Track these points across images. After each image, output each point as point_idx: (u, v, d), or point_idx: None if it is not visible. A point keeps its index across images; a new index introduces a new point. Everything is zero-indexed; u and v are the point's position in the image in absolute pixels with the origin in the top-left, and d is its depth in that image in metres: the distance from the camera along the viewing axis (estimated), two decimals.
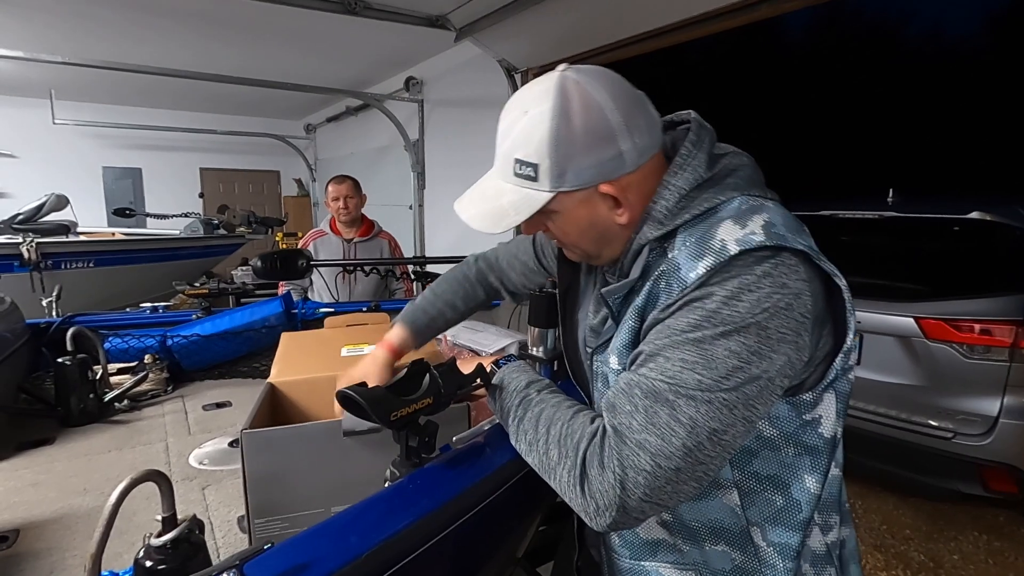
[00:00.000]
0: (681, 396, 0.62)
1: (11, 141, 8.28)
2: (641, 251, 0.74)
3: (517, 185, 0.74)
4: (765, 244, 0.63)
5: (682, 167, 0.73)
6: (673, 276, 0.68)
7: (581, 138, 0.69)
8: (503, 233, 0.77)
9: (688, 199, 0.71)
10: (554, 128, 0.69)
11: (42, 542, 0.95)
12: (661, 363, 0.64)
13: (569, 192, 0.72)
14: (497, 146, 0.76)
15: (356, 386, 0.75)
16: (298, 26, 4.77)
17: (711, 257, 0.64)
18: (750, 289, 0.62)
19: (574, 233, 0.78)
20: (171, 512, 0.67)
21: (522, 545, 1.09)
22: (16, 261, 4.63)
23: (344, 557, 0.59)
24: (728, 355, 0.61)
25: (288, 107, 9.05)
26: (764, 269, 0.63)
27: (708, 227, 0.68)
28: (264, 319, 1.89)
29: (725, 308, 0.62)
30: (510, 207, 0.74)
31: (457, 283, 1.21)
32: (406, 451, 0.81)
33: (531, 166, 0.71)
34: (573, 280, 0.96)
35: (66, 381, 1.41)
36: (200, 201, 9.21)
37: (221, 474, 1.20)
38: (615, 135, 0.70)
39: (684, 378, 0.62)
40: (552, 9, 3.70)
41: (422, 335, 1.15)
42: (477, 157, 5.47)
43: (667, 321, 0.66)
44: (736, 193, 0.71)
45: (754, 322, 0.61)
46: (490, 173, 0.79)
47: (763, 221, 0.66)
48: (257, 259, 2.14)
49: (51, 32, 5.15)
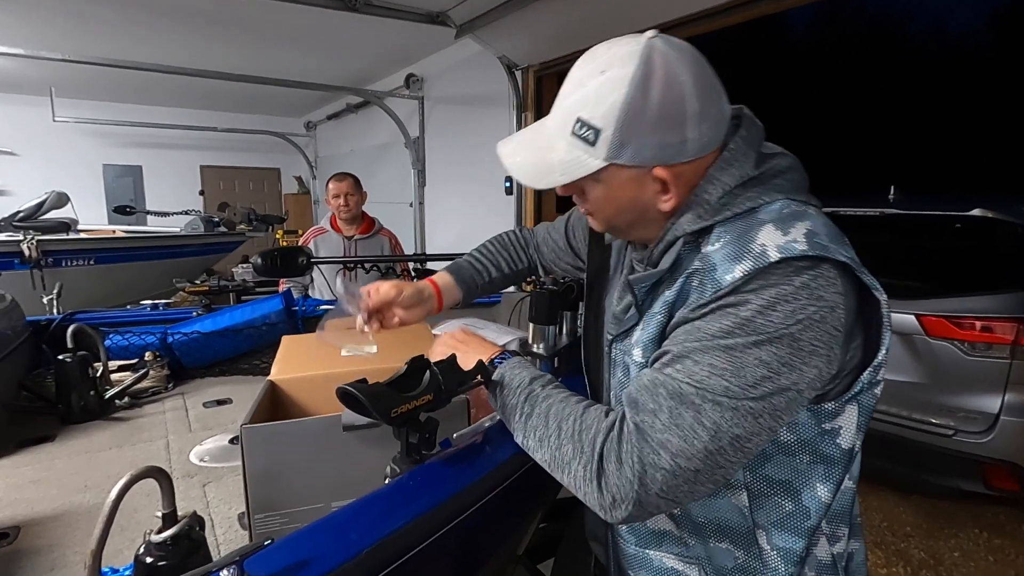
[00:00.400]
0: (707, 401, 0.61)
1: (11, 139, 8.29)
2: (675, 243, 0.72)
3: (570, 144, 0.70)
4: (807, 254, 0.62)
5: (729, 163, 0.70)
6: (707, 276, 0.66)
7: (653, 115, 0.66)
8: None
9: (731, 196, 0.69)
10: (629, 98, 0.65)
11: (43, 539, 0.95)
12: (689, 366, 0.63)
13: (622, 167, 0.69)
14: (561, 96, 0.71)
15: (356, 383, 0.75)
16: (299, 23, 4.77)
17: (750, 261, 0.63)
18: (786, 300, 0.61)
19: (611, 208, 0.75)
20: (171, 509, 0.67)
21: (523, 542, 1.09)
22: (17, 259, 4.63)
23: (344, 554, 0.59)
24: (758, 364, 0.61)
25: (288, 104, 9.05)
26: (803, 280, 0.61)
27: (748, 228, 0.66)
28: (264, 316, 1.89)
29: (759, 317, 0.61)
30: (558, 165, 0.71)
31: (503, 245, 1.19)
32: (406, 448, 0.80)
33: (593, 130, 0.67)
34: (603, 265, 0.94)
35: (67, 378, 1.41)
36: (200, 199, 9.21)
37: (222, 471, 1.20)
38: (686, 121, 0.67)
39: (712, 383, 0.61)
40: (552, 6, 3.69)
41: (465, 285, 1.13)
42: (477, 155, 5.47)
43: (698, 323, 0.65)
44: (780, 195, 0.69)
45: (787, 333, 0.61)
46: (545, 121, 0.75)
47: (806, 229, 0.64)
48: (257, 256, 2.14)
49: (51, 29, 5.15)
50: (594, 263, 0.95)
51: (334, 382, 0.76)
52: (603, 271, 0.94)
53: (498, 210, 5.30)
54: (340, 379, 0.76)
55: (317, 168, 10.07)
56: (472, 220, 5.72)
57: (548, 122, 0.74)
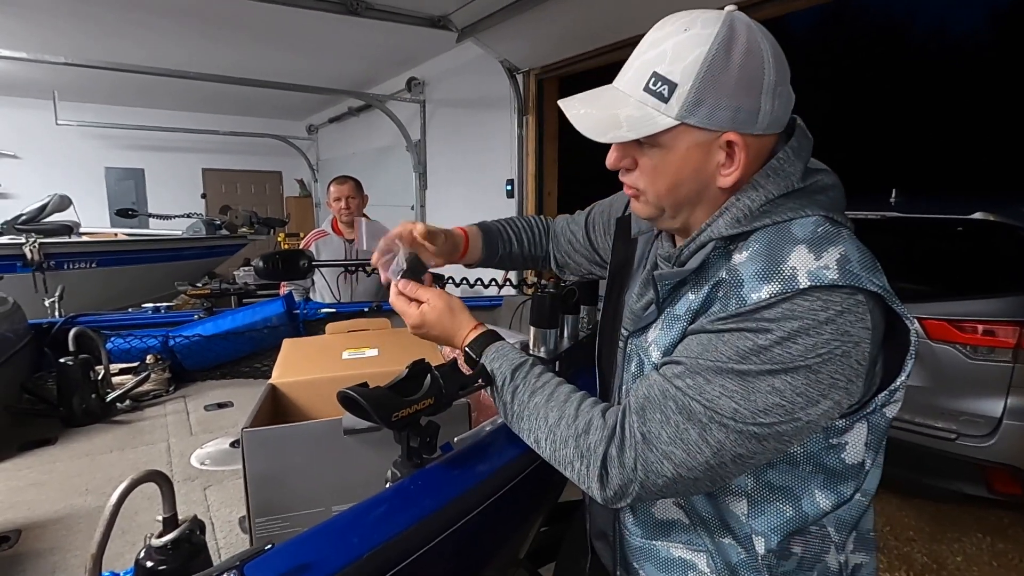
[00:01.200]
0: (714, 421, 0.62)
1: (14, 142, 8.31)
2: (706, 245, 0.70)
3: (641, 100, 0.67)
4: (837, 283, 0.60)
5: (776, 171, 0.69)
6: (733, 290, 0.64)
7: (733, 76, 0.64)
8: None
9: (773, 205, 0.68)
10: (711, 54, 0.64)
11: (44, 542, 0.95)
12: (700, 383, 0.63)
13: (691, 128, 0.66)
14: (634, 56, 0.70)
15: (357, 387, 0.75)
16: (300, 27, 4.78)
17: (778, 284, 0.61)
18: (808, 334, 0.59)
19: (669, 180, 0.71)
20: (172, 513, 0.67)
21: (524, 546, 1.09)
22: (19, 262, 4.64)
23: (345, 558, 0.59)
24: (771, 392, 0.61)
25: (290, 108, 9.07)
26: (829, 315, 0.60)
27: (779, 243, 0.64)
28: (266, 319, 1.89)
29: (777, 347, 0.60)
30: (625, 121, 0.67)
31: (528, 225, 1.18)
32: (407, 451, 0.80)
33: (669, 84, 0.65)
34: (627, 259, 0.93)
35: (68, 381, 1.41)
36: (202, 202, 9.23)
37: (223, 474, 1.20)
38: (762, 90, 0.65)
39: (721, 404, 0.62)
40: (554, 10, 3.70)
41: (490, 246, 1.12)
42: (479, 158, 5.48)
43: (714, 338, 0.64)
44: (821, 212, 0.67)
45: (804, 365, 0.60)
46: (612, 84, 0.73)
47: (839, 254, 0.62)
48: (259, 259, 2.14)
49: (54, 33, 5.16)
50: (618, 256, 0.94)
51: (335, 385, 0.76)
52: (626, 265, 0.93)
53: (499, 213, 5.24)
54: (341, 382, 0.76)
55: (319, 171, 10.09)
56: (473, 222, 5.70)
57: (618, 81, 0.72)
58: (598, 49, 4.18)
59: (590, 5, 3.62)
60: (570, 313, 1.32)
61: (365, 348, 1.28)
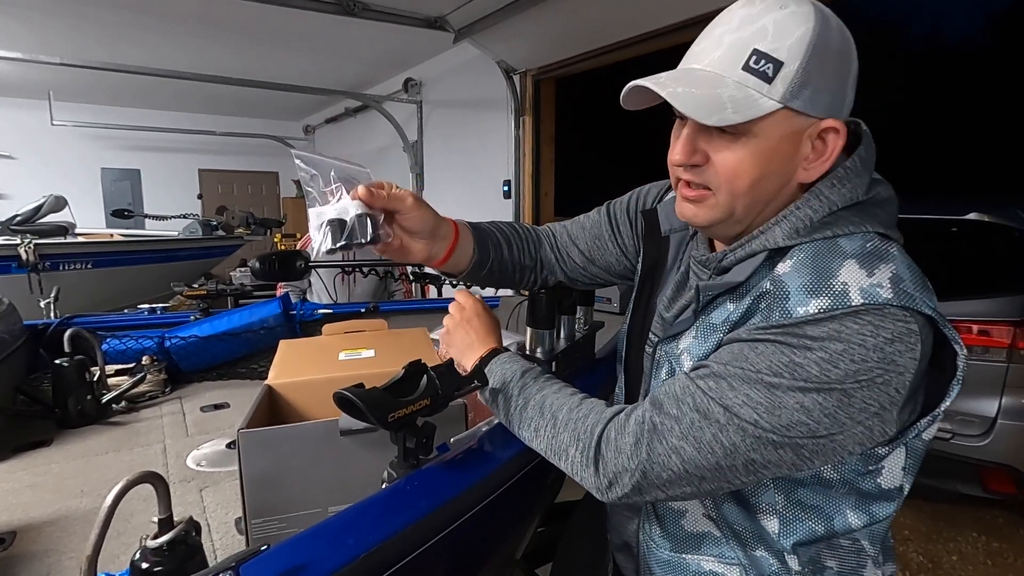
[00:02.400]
0: (732, 425, 0.59)
1: (9, 142, 8.28)
2: (757, 254, 0.66)
3: (740, 81, 0.61)
4: (891, 303, 0.56)
5: (842, 181, 0.64)
6: (777, 302, 0.60)
7: (833, 58, 0.60)
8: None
9: (835, 217, 0.63)
10: (816, 32, 0.59)
11: (39, 544, 0.95)
12: (724, 388, 0.60)
13: (791, 114, 0.61)
14: (724, 33, 0.63)
15: (354, 387, 0.75)
16: (296, 27, 4.78)
17: (827, 299, 0.57)
18: (852, 359, 0.55)
19: (752, 174, 0.64)
20: (167, 514, 0.67)
21: (521, 546, 1.09)
22: (14, 262, 4.62)
23: (341, 559, 0.59)
24: (798, 408, 0.57)
25: (287, 108, 9.05)
26: (878, 343, 0.55)
27: (827, 256, 0.60)
28: (262, 320, 1.89)
29: (815, 367, 0.56)
30: (728, 102, 0.60)
31: (510, 225, 1.01)
32: (403, 452, 0.80)
33: (774, 63, 0.59)
34: (659, 261, 0.87)
35: (64, 382, 1.40)
36: (199, 202, 9.20)
37: (219, 475, 1.20)
38: (849, 76, 0.62)
39: (742, 412, 0.59)
40: (550, 11, 3.71)
41: (482, 249, 0.93)
42: (476, 158, 5.48)
43: (748, 348, 0.60)
44: (880, 228, 0.63)
45: (840, 388, 0.56)
46: (694, 59, 0.66)
47: (891, 273, 0.58)
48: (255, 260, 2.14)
49: (50, 33, 5.15)
50: (650, 257, 0.88)
51: (332, 386, 0.76)
52: (658, 267, 0.87)
53: (496, 213, 5.28)
54: (338, 383, 0.76)
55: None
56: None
57: (699, 62, 0.65)
58: (594, 50, 4.19)
59: (586, 6, 3.62)
60: (566, 314, 1.32)
61: (361, 349, 1.28)
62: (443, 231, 0.87)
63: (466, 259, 0.92)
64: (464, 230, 0.92)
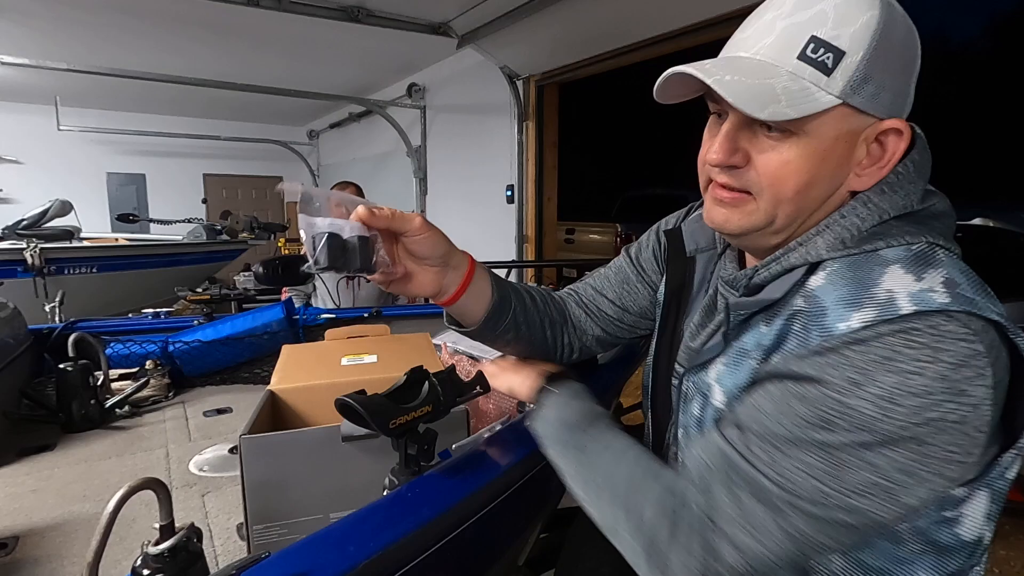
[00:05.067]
0: (795, 508, 0.49)
1: (16, 147, 8.34)
2: (794, 269, 0.59)
3: (795, 71, 0.54)
4: (948, 308, 0.47)
5: (894, 188, 0.58)
6: (813, 321, 0.53)
7: (898, 51, 0.54)
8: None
9: (885, 227, 0.56)
10: (882, 20, 0.53)
11: (41, 549, 0.95)
12: (775, 456, 0.51)
13: (849, 111, 0.54)
14: (777, 18, 0.56)
15: (355, 394, 0.75)
16: (301, 33, 4.81)
17: (871, 310, 0.49)
18: (912, 391, 0.46)
19: (800, 178, 0.57)
20: (169, 520, 0.67)
21: (523, 553, 1.09)
22: (20, 266, 4.65)
23: (342, 566, 0.59)
24: (865, 467, 0.48)
25: (291, 113, 9.10)
26: (940, 369, 0.46)
27: (866, 264, 0.53)
28: (266, 325, 1.89)
29: (871, 408, 0.47)
30: (782, 93, 0.53)
31: (524, 284, 0.92)
32: (405, 459, 0.80)
33: (834, 52, 0.52)
34: (686, 282, 0.80)
35: (68, 387, 1.41)
36: (203, 207, 9.25)
37: (221, 481, 1.19)
38: (913, 74, 0.56)
39: (801, 484, 0.49)
40: (553, 16, 3.72)
41: (497, 279, 0.84)
42: (479, 164, 5.50)
43: (787, 393, 0.52)
44: (938, 238, 0.55)
45: (911, 436, 0.47)
46: (732, 54, 0.59)
47: (943, 277, 0.50)
48: (259, 265, 2.15)
49: (56, 39, 5.19)
50: (675, 279, 0.81)
51: (334, 392, 0.76)
52: (684, 289, 0.80)
53: (499, 219, 5.31)
54: (340, 389, 0.76)
55: (319, 177, 10.11)
56: (474, 228, 5.73)
57: (746, 48, 0.58)
58: (597, 55, 4.20)
59: (589, 12, 3.64)
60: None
61: (364, 354, 1.28)
62: (456, 260, 0.77)
63: (483, 302, 0.81)
64: (479, 266, 0.81)
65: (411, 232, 0.71)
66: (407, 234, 0.71)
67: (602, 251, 6.97)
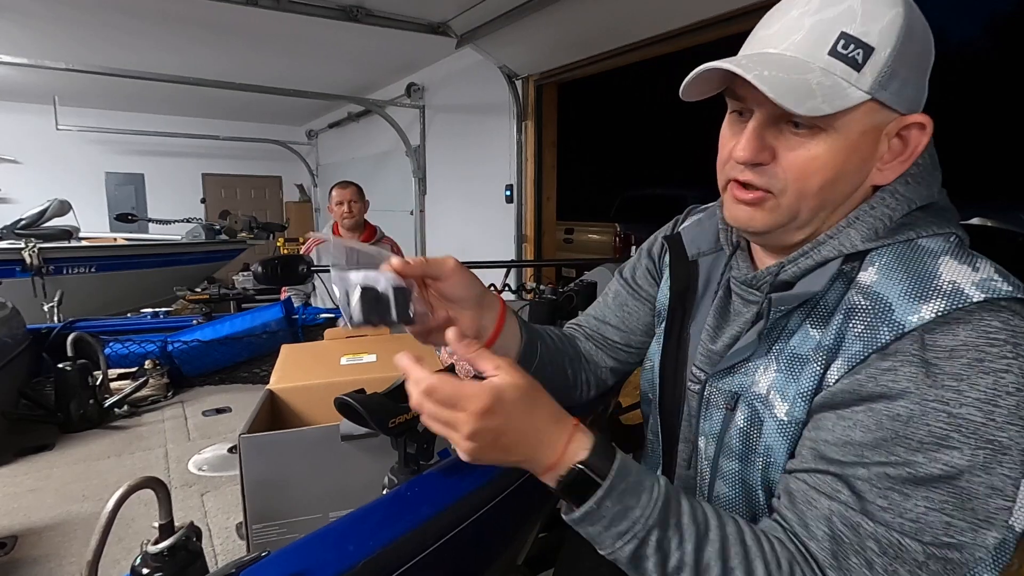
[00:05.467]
0: (933, 557, 0.49)
1: (14, 147, 8.34)
2: (830, 261, 0.59)
3: (826, 67, 0.54)
4: (1015, 296, 0.49)
5: (917, 180, 0.60)
6: (879, 317, 0.53)
7: (920, 47, 0.55)
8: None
9: (912, 218, 0.58)
10: (906, 17, 0.54)
11: (40, 549, 0.95)
12: (897, 501, 0.49)
13: (877, 107, 0.55)
14: (804, 15, 0.56)
15: (354, 393, 0.75)
16: (301, 33, 4.80)
17: (940, 300, 0.50)
18: (1008, 392, 0.47)
19: (826, 174, 0.57)
20: (168, 519, 0.67)
21: (522, 552, 1.09)
22: (18, 266, 4.65)
23: (341, 564, 0.59)
24: (989, 493, 0.47)
25: (290, 113, 9.10)
26: (1022, 365, 0.47)
27: (915, 256, 0.55)
28: (265, 325, 1.89)
29: (975, 414, 0.47)
30: (817, 89, 0.53)
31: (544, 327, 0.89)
32: (404, 458, 0.80)
33: (864, 48, 0.53)
34: (690, 285, 0.79)
35: (66, 386, 1.41)
36: (202, 206, 9.25)
37: (220, 480, 1.19)
38: (929, 69, 0.58)
39: (931, 527, 0.48)
40: (552, 16, 3.72)
41: (522, 321, 0.82)
42: (478, 163, 5.49)
43: (882, 410, 0.50)
44: (957, 231, 0.57)
45: (1009, 443, 0.47)
46: (759, 50, 0.59)
47: (993, 266, 0.52)
48: (258, 265, 2.14)
49: (55, 38, 5.19)
50: (678, 283, 0.80)
51: (333, 391, 0.76)
52: (689, 292, 0.79)
53: (498, 218, 5.31)
54: (339, 388, 0.76)
55: (318, 176, 10.11)
56: (473, 228, 5.73)
57: (775, 44, 0.58)
58: (597, 55, 4.20)
59: (588, 12, 3.64)
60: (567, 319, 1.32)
61: (363, 354, 1.28)
62: (489, 300, 0.75)
63: (516, 341, 0.79)
64: (509, 312, 0.79)
65: (445, 275, 0.68)
66: (441, 277, 0.69)
67: (601, 251, 6.98)
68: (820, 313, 0.59)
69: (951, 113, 13.44)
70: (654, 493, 0.55)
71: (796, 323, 0.61)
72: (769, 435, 0.62)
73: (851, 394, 0.53)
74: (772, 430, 0.61)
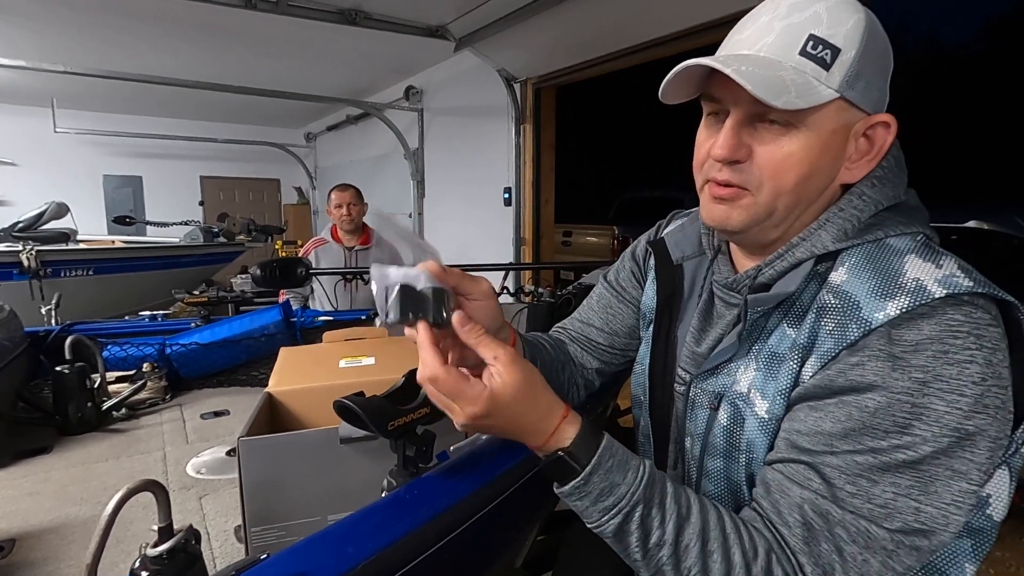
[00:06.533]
0: (903, 546, 0.51)
1: (12, 149, 8.32)
2: (803, 262, 0.61)
3: (797, 66, 0.57)
4: (975, 291, 0.52)
5: (883, 181, 0.62)
6: (848, 315, 0.55)
7: (881, 50, 0.59)
8: None
9: (879, 218, 0.61)
10: (869, 22, 0.58)
11: (38, 552, 0.95)
12: (865, 488, 0.52)
13: (845, 106, 0.58)
14: (774, 20, 0.59)
15: (353, 396, 0.75)
16: (299, 36, 4.81)
17: (905, 297, 0.52)
18: (973, 381, 0.49)
19: (800, 170, 0.59)
20: (167, 522, 0.67)
21: (521, 554, 1.09)
22: (16, 269, 4.64)
23: (340, 567, 0.59)
24: (951, 476, 0.50)
25: (288, 116, 9.10)
26: (984, 355, 0.49)
27: (883, 256, 0.57)
28: (263, 327, 1.89)
29: (939, 404, 0.49)
30: (791, 85, 0.56)
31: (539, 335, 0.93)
32: (403, 460, 0.80)
33: (831, 49, 0.56)
34: (676, 289, 0.81)
35: (64, 389, 1.40)
36: (200, 209, 9.24)
37: (219, 483, 1.19)
38: (889, 72, 0.61)
39: (899, 512, 0.51)
40: (551, 20, 3.73)
41: (528, 342, 0.86)
42: (477, 166, 5.50)
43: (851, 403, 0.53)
44: (924, 229, 0.60)
45: (975, 430, 0.49)
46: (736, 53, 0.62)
47: (957, 263, 0.55)
48: (256, 267, 2.14)
49: (53, 41, 5.18)
50: (665, 288, 0.82)
51: (332, 394, 0.76)
52: (675, 296, 0.81)
53: (497, 221, 5.32)
54: (338, 391, 0.76)
55: (317, 179, 10.11)
56: (471, 231, 5.73)
57: (753, 46, 0.60)
58: (594, 59, 4.21)
59: (586, 16, 3.65)
60: None
61: (362, 356, 1.29)
62: (504, 332, 0.76)
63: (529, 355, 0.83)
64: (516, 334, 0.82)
65: (477, 296, 0.67)
66: (472, 296, 0.67)
67: (599, 253, 6.99)
68: (796, 313, 0.61)
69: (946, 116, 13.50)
70: (640, 472, 0.59)
71: (774, 323, 0.63)
72: (751, 432, 0.64)
73: (823, 388, 0.56)
74: (753, 427, 0.63)
